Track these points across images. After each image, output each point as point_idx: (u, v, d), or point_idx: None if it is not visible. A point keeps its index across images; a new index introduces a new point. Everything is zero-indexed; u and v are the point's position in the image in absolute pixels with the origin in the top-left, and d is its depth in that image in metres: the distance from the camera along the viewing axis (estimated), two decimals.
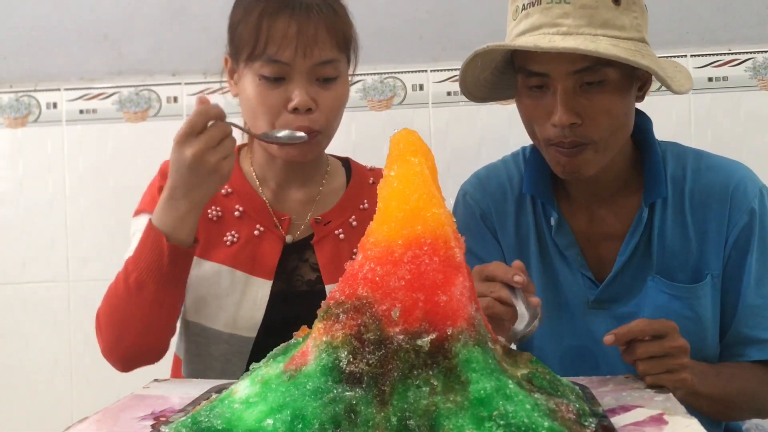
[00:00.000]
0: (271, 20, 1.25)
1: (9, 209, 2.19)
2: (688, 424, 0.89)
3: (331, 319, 0.83)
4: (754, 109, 2.05)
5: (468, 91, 1.32)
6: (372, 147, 1.97)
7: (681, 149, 1.34)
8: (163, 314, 1.22)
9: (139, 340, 1.23)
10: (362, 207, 1.42)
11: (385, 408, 0.78)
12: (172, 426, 0.84)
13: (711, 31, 2.06)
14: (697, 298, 1.26)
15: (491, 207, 1.37)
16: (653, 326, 1.08)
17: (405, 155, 0.90)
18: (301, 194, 1.40)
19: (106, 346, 1.25)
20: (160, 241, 1.16)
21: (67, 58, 2.17)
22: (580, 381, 1.04)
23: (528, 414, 0.77)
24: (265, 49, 1.25)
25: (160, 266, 1.17)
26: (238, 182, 1.38)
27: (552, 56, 1.15)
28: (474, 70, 1.26)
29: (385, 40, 2.12)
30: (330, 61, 1.28)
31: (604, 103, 1.17)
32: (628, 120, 1.23)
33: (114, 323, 1.23)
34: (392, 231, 0.85)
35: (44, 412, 2.18)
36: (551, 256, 1.33)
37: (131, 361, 1.27)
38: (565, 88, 1.17)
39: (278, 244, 1.34)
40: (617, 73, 1.17)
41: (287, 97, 1.26)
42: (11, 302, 2.18)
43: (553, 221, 1.30)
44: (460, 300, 0.83)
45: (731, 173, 1.29)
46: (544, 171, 1.32)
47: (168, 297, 1.21)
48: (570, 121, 1.16)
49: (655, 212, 1.28)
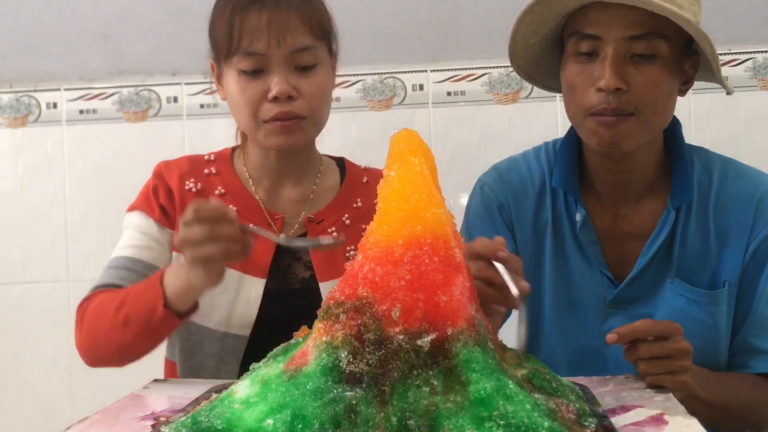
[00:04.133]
0: (242, 15, 1.26)
1: (9, 209, 2.19)
2: (688, 424, 0.89)
3: (331, 319, 0.83)
4: (754, 109, 2.05)
5: (515, 57, 1.30)
6: (372, 147, 1.97)
7: (709, 155, 1.33)
8: (140, 349, 1.23)
9: (113, 358, 1.25)
10: (356, 206, 1.42)
11: (385, 408, 0.78)
12: (172, 426, 0.84)
13: (711, 31, 2.04)
14: (716, 304, 1.25)
15: (510, 199, 1.36)
16: (657, 327, 1.08)
17: (405, 155, 0.91)
18: (294, 193, 1.40)
19: (80, 345, 1.27)
20: (158, 298, 1.16)
21: (67, 58, 2.18)
22: (580, 381, 1.04)
23: (528, 414, 0.77)
24: (240, 44, 1.26)
25: (149, 321, 1.17)
26: (232, 183, 1.39)
27: (608, 19, 1.16)
28: (528, 26, 1.24)
29: (385, 40, 2.12)
30: (306, 48, 1.28)
31: (652, 76, 1.17)
32: (670, 104, 1.23)
33: (92, 336, 1.24)
34: (392, 231, 0.85)
35: (44, 412, 2.18)
36: (568, 253, 1.32)
37: (100, 365, 1.29)
38: (615, 53, 1.16)
39: (271, 243, 1.35)
40: (669, 50, 1.17)
41: (267, 87, 1.27)
42: (11, 302, 2.18)
43: (579, 217, 1.29)
44: (460, 300, 0.83)
45: (759, 183, 1.28)
46: (573, 166, 1.31)
47: (150, 342, 1.22)
48: (617, 85, 1.15)
49: (679, 216, 1.27)
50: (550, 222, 1.34)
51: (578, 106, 1.22)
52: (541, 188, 1.36)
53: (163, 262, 1.34)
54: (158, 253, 1.34)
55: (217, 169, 1.40)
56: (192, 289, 1.14)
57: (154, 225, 1.34)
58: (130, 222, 1.36)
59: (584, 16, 1.19)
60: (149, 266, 1.32)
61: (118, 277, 1.30)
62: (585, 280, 1.31)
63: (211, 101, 2.14)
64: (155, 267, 1.32)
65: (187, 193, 1.36)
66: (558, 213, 1.33)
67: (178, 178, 1.37)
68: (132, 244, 1.34)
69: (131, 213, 1.37)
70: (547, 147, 1.39)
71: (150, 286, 1.18)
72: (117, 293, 1.23)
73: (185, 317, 1.19)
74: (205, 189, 1.37)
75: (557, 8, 1.20)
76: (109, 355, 1.25)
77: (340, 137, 2.09)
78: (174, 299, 1.15)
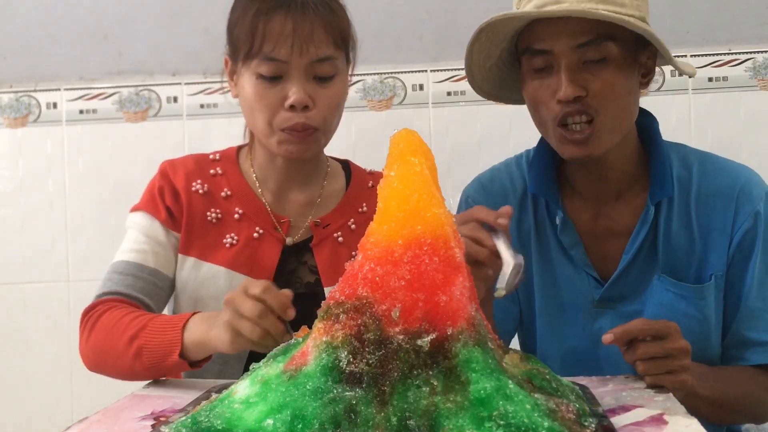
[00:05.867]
0: (267, 19, 1.25)
1: (9, 209, 2.19)
2: (688, 424, 0.89)
3: (331, 319, 0.83)
4: (754, 109, 2.05)
5: (475, 81, 1.32)
6: (372, 147, 1.97)
7: (687, 150, 1.34)
8: (145, 378, 1.23)
9: (115, 375, 1.27)
10: (361, 210, 1.42)
11: (385, 408, 0.78)
12: (172, 426, 0.84)
13: (711, 31, 2.06)
14: (703, 298, 1.26)
15: (493, 209, 1.37)
16: (653, 327, 1.08)
17: (405, 155, 0.90)
18: (301, 196, 1.40)
19: (84, 353, 1.28)
20: (174, 348, 1.15)
21: (67, 58, 2.18)
22: (580, 381, 1.04)
23: (528, 414, 0.77)
24: (262, 48, 1.25)
25: (161, 362, 1.17)
26: (238, 184, 1.38)
27: (554, 32, 1.17)
28: (480, 53, 1.26)
29: (385, 40, 2.12)
30: (327, 58, 1.28)
31: (608, 78, 1.19)
32: (632, 100, 1.24)
33: (99, 352, 1.25)
34: (392, 231, 0.85)
35: (44, 412, 2.18)
36: (553, 256, 1.33)
37: (99, 373, 1.30)
38: (568, 63, 1.18)
39: (278, 246, 1.34)
40: (619, 49, 1.19)
41: (284, 95, 1.27)
42: (11, 302, 2.18)
43: (559, 220, 1.30)
44: (460, 300, 0.83)
45: (738, 176, 1.29)
46: (548, 169, 1.32)
47: (156, 375, 1.22)
48: (575, 93, 1.17)
49: (660, 211, 1.28)
50: (533, 228, 1.35)
51: (544, 120, 1.24)
52: (522, 195, 1.37)
53: (167, 267, 1.34)
54: (163, 258, 1.33)
55: (223, 170, 1.39)
56: (210, 345, 1.13)
57: (160, 227, 1.34)
58: (135, 222, 1.36)
59: (532, 32, 1.21)
60: (154, 272, 1.32)
61: (124, 285, 1.30)
62: (571, 282, 1.31)
63: (210, 101, 2.14)
64: (160, 273, 1.32)
65: (194, 194, 1.35)
66: (540, 218, 1.35)
67: (185, 178, 1.36)
68: (137, 248, 1.33)
69: (136, 213, 1.37)
70: (528, 154, 1.41)
71: (170, 328, 1.17)
72: (132, 317, 1.22)
73: (197, 366, 1.18)
74: (211, 190, 1.37)
75: (502, 31, 1.23)
76: (113, 373, 1.26)
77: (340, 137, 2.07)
78: (191, 347, 1.15)
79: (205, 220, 1.35)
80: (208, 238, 1.34)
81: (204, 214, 1.34)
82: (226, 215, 1.36)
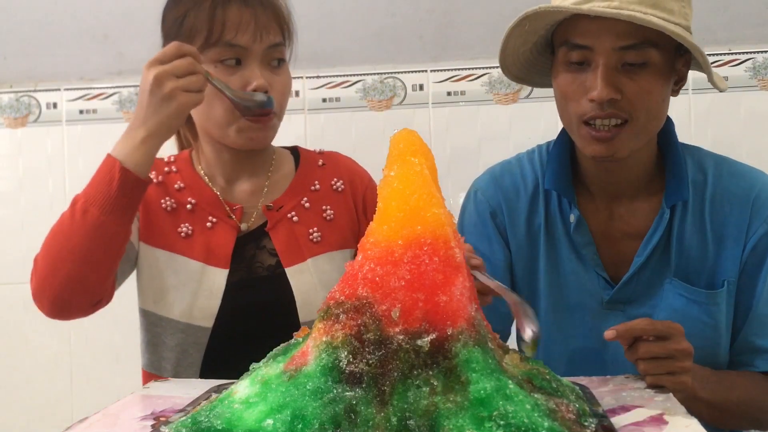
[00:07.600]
0: (225, 8, 1.30)
1: (9, 209, 2.19)
2: (688, 424, 0.89)
3: (331, 319, 0.83)
4: (754, 109, 2.05)
5: (506, 65, 1.32)
6: (372, 147, 1.97)
7: (702, 153, 1.33)
8: (103, 245, 1.18)
9: (75, 272, 1.18)
10: (313, 188, 1.45)
11: (385, 408, 0.78)
12: (172, 426, 0.84)
13: (711, 31, 2.06)
14: (716, 304, 1.25)
15: (503, 204, 1.37)
16: (656, 327, 1.08)
17: (405, 155, 0.91)
18: (249, 185, 1.42)
19: (38, 284, 1.20)
20: (113, 166, 1.18)
21: (67, 58, 2.18)
22: (580, 381, 1.04)
23: (528, 414, 0.77)
24: (221, 35, 1.29)
25: (108, 191, 1.17)
26: (190, 179, 1.41)
27: (598, 30, 1.15)
28: (517, 39, 1.25)
29: (385, 40, 2.12)
30: (279, 44, 1.35)
31: (645, 85, 1.17)
32: (663, 109, 1.23)
33: (51, 254, 1.19)
34: (392, 231, 0.85)
35: (44, 412, 2.18)
36: (562, 255, 1.32)
37: (63, 300, 1.20)
38: (607, 63, 1.16)
39: (232, 233, 1.37)
40: (660, 56, 1.17)
41: (245, 80, 1.31)
42: (11, 302, 2.18)
43: (573, 219, 1.29)
44: (460, 300, 0.83)
45: (754, 181, 1.28)
46: (566, 167, 1.31)
47: (111, 225, 1.17)
48: (610, 96, 1.15)
49: (675, 215, 1.26)
50: (543, 225, 1.34)
51: (572, 115, 1.22)
52: (534, 192, 1.36)
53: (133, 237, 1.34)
54: None
55: (177, 168, 1.43)
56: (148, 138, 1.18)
57: None
58: None
59: (574, 25, 1.19)
60: None
61: None
62: (581, 282, 1.30)
63: None
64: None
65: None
66: (551, 215, 1.34)
67: None
68: None
69: None
70: (540, 150, 1.39)
71: (100, 167, 1.21)
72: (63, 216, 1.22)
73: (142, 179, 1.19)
74: (165, 182, 1.40)
75: (546, 20, 1.21)
76: (74, 271, 1.17)
77: (340, 137, 2.09)
78: (125, 159, 1.18)
79: (159, 208, 1.37)
80: (164, 226, 1.37)
81: (158, 202, 1.37)
82: (180, 206, 1.38)
